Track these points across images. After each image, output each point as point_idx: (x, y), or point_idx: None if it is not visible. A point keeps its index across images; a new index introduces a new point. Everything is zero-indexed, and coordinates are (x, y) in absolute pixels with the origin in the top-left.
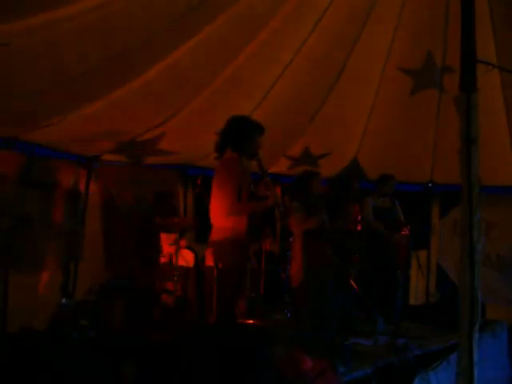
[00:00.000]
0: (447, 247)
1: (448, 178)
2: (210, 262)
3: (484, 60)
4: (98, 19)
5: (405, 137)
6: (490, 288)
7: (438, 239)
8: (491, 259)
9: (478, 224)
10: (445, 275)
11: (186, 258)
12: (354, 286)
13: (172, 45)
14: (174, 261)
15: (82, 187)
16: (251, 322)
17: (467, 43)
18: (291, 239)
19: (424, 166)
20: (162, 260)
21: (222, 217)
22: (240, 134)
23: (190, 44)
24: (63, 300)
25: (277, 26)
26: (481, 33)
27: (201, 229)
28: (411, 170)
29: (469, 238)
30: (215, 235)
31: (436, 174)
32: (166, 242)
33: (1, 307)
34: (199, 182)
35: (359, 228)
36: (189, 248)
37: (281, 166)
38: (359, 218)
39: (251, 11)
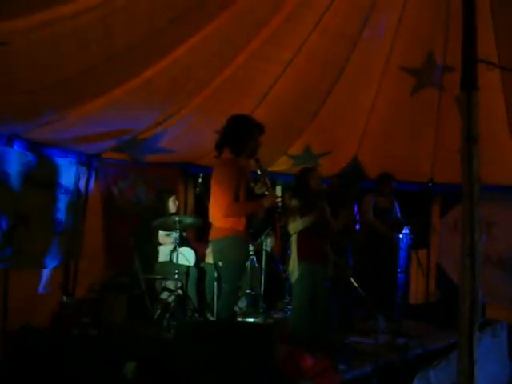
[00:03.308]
0: (447, 246)
1: (448, 177)
2: (210, 260)
3: (485, 59)
4: (98, 18)
5: (405, 136)
6: (490, 287)
7: (438, 238)
8: (491, 258)
9: (478, 223)
10: (445, 274)
11: (187, 257)
12: (355, 284)
13: (173, 43)
14: (174, 259)
15: (82, 185)
16: (252, 320)
17: (468, 42)
18: (290, 239)
19: (424, 166)
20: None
21: (220, 217)
22: (240, 133)
23: (191, 43)
24: (64, 298)
25: (278, 25)
26: (482, 32)
27: (201, 227)
28: (411, 169)
29: (469, 237)
30: (215, 234)
31: (436, 174)
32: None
33: (1, 305)
34: (200, 180)
35: (358, 226)
36: (189, 246)
37: (282, 165)
38: (358, 216)
39: (252, 10)
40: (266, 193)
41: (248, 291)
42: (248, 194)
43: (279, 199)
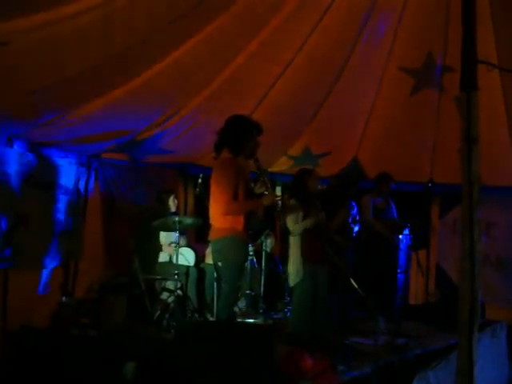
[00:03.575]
0: (447, 247)
1: (448, 177)
2: (209, 261)
3: (484, 60)
4: (98, 19)
5: (405, 136)
6: (489, 288)
7: (438, 239)
8: (491, 259)
9: (478, 224)
10: (444, 275)
11: (187, 257)
12: (355, 285)
13: (172, 44)
14: (174, 259)
15: (82, 185)
16: (251, 320)
17: (468, 43)
18: (289, 239)
19: (424, 166)
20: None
21: (219, 216)
22: (238, 134)
23: (191, 43)
24: (63, 298)
25: (278, 26)
26: (481, 33)
27: (201, 228)
28: (411, 169)
29: (469, 237)
30: (214, 235)
31: (436, 174)
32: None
33: (1, 305)
34: (200, 180)
35: (358, 227)
36: (189, 247)
37: (281, 166)
38: (358, 217)
39: (252, 11)
40: (266, 192)
41: (248, 292)
42: (247, 194)
43: (279, 198)
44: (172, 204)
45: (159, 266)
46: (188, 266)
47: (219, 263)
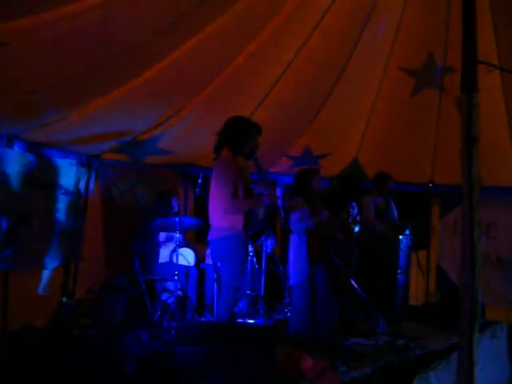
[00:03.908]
0: (447, 247)
1: (448, 178)
2: (209, 261)
3: (485, 61)
4: (98, 19)
5: (405, 137)
6: (489, 288)
7: (438, 239)
8: (491, 259)
9: (478, 224)
10: (445, 275)
11: (187, 257)
12: (355, 285)
13: (172, 44)
14: (174, 260)
15: (82, 186)
16: (252, 321)
17: (468, 43)
18: (291, 239)
19: (424, 167)
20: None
21: (219, 216)
22: (237, 134)
23: (191, 44)
24: (64, 299)
25: (278, 26)
26: (482, 33)
27: (201, 228)
28: (412, 170)
29: (469, 238)
30: (214, 235)
31: (436, 175)
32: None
33: (1, 306)
34: (200, 181)
35: (359, 228)
36: (189, 247)
37: (282, 166)
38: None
39: (252, 11)
40: (265, 192)
41: (248, 292)
42: (247, 194)
43: (278, 198)
44: (174, 204)
45: (159, 266)
46: (188, 266)
47: (219, 263)
